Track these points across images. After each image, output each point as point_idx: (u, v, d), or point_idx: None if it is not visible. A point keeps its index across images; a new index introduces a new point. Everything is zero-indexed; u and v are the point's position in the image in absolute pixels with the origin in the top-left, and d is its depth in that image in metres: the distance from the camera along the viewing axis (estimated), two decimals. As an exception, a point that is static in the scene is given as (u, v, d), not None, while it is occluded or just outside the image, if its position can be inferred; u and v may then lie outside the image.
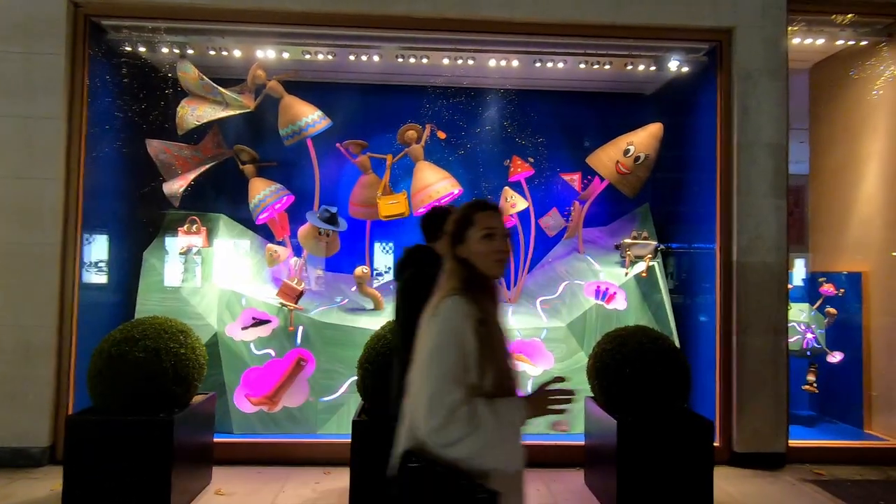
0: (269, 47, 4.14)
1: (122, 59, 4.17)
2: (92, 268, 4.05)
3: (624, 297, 4.38)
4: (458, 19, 3.93)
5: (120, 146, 4.25)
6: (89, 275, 3.99)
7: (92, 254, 4.03)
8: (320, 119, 4.33)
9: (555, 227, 4.84)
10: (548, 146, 5.01)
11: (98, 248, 4.12)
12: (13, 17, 3.71)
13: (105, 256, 4.24)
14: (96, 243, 4.07)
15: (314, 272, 4.60)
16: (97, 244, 4.09)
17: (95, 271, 4.13)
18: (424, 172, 4.45)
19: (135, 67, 4.24)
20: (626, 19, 3.98)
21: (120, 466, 2.87)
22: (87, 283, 3.94)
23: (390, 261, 4.99)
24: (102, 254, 4.20)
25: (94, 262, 4.09)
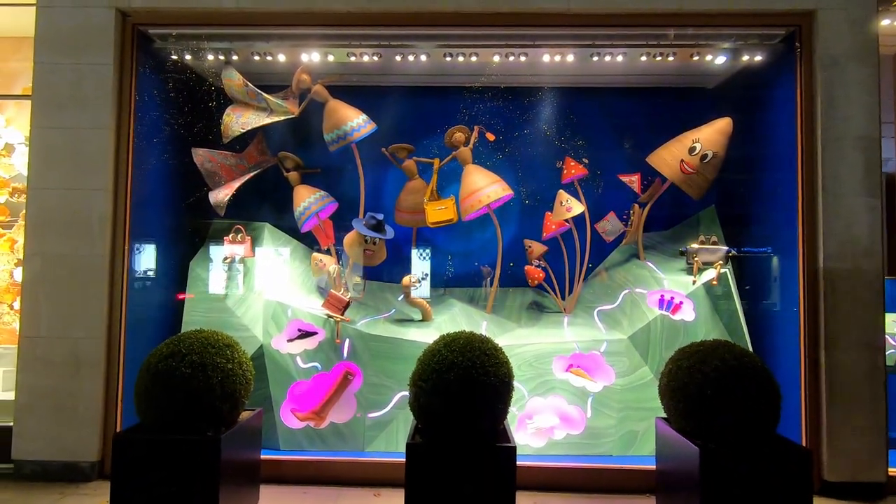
0: (314, 50, 4.02)
1: (168, 69, 4.14)
2: (139, 278, 4.01)
3: (692, 308, 4.03)
4: (510, 13, 3.72)
5: (166, 156, 4.21)
6: (137, 286, 3.94)
7: (139, 264, 3.99)
8: (365, 123, 4.18)
9: (612, 231, 4.53)
10: (603, 146, 4.71)
11: (145, 258, 4.07)
12: (63, 30, 3.72)
13: (152, 267, 4.19)
14: (144, 254, 4.03)
15: (353, 279, 4.42)
16: (145, 255, 4.05)
17: (143, 282, 4.08)
18: (473, 176, 4.24)
19: (180, 76, 4.20)
20: (693, 6, 3.67)
21: (167, 486, 2.75)
22: (135, 294, 3.89)
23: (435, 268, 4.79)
24: (150, 264, 4.16)
25: (141, 272, 4.05)
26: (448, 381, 2.79)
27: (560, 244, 4.55)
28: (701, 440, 2.78)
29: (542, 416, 3.89)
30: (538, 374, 3.98)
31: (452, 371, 2.81)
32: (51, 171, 3.69)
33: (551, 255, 4.57)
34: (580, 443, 3.89)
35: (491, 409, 2.86)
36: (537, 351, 4.04)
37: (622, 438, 3.92)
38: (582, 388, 3.94)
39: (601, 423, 3.93)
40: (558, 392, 3.96)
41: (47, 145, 3.69)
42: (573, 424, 3.90)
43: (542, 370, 3.99)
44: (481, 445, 2.79)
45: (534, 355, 4.02)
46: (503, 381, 2.89)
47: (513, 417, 3.88)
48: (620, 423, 3.93)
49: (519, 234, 4.71)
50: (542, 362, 4.02)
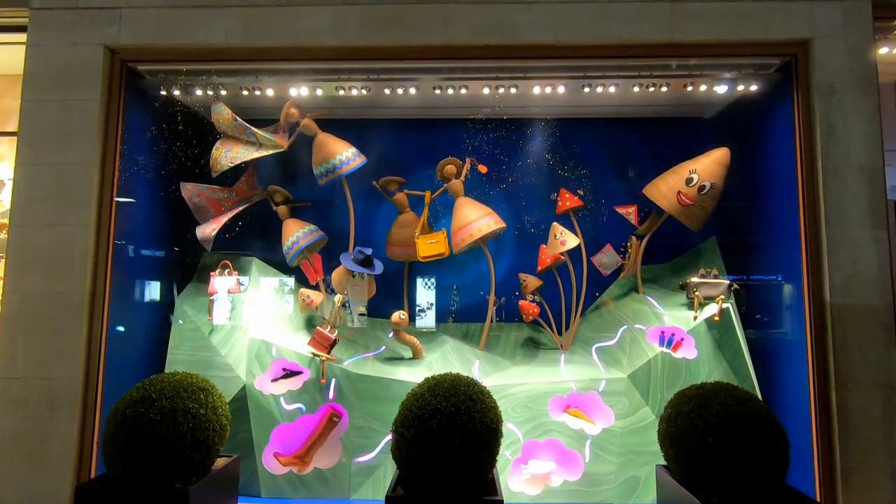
0: (303, 84, 3.99)
1: (156, 103, 4.12)
2: (122, 316, 3.89)
3: (693, 345, 3.84)
4: (499, 45, 3.67)
5: (153, 190, 4.16)
6: (118, 323, 3.83)
7: (122, 302, 3.89)
8: (355, 156, 4.12)
9: (609, 265, 4.39)
10: (598, 177, 4.62)
11: (129, 295, 3.98)
12: (51, 67, 3.71)
13: (136, 304, 4.10)
14: (127, 290, 3.93)
15: (357, 309, 4.28)
16: (128, 291, 3.95)
17: (125, 320, 3.97)
18: (465, 209, 4.14)
19: (169, 111, 4.18)
20: (684, 36, 3.61)
21: (133, 542, 2.58)
22: (117, 333, 3.78)
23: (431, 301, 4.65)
24: (134, 301, 4.06)
25: (124, 310, 3.94)
26: (431, 429, 2.64)
27: (556, 278, 4.42)
28: (703, 492, 2.58)
29: (538, 462, 3.68)
30: (533, 415, 3.79)
31: (436, 417, 2.65)
32: (33, 208, 3.63)
33: (547, 289, 4.43)
34: (578, 490, 3.67)
35: (477, 459, 2.68)
36: (532, 391, 3.85)
37: (623, 485, 3.69)
38: (580, 430, 3.74)
39: (601, 469, 3.71)
40: (555, 435, 3.76)
41: (31, 181, 3.65)
42: (571, 470, 3.69)
43: (538, 411, 3.80)
44: (467, 498, 2.61)
45: (529, 396, 3.84)
46: (490, 429, 2.72)
47: (507, 463, 3.68)
48: (621, 468, 3.71)
49: (513, 268, 4.59)
50: (537, 403, 3.83)
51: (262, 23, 3.70)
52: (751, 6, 3.60)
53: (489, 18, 3.64)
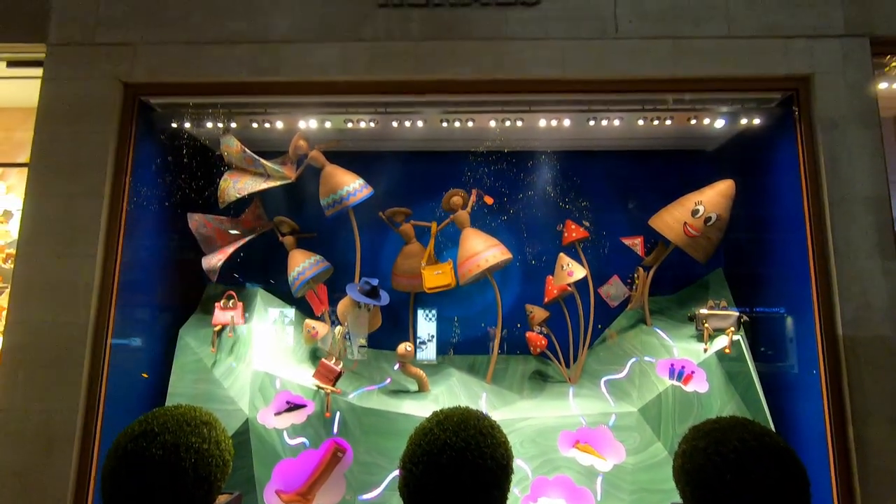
0: (312, 117, 4.05)
1: (167, 136, 4.17)
2: (125, 348, 3.85)
3: (704, 378, 3.78)
4: (505, 80, 3.75)
5: (161, 222, 4.18)
6: (122, 355, 3.77)
7: (126, 333, 3.85)
8: (362, 188, 4.15)
9: (617, 296, 4.36)
10: (603, 209, 4.64)
11: (133, 326, 3.93)
12: (65, 100, 3.77)
13: (139, 335, 4.05)
14: (131, 322, 3.90)
15: (358, 341, 4.24)
16: (132, 322, 3.91)
17: (128, 351, 3.92)
18: (472, 240, 4.14)
19: (178, 143, 4.23)
20: (686, 72, 3.69)
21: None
22: (119, 364, 3.72)
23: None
24: (137, 332, 4.02)
25: (127, 341, 3.90)
26: (440, 464, 2.56)
27: (563, 309, 4.38)
28: (723, 533, 2.49)
29: (548, 499, 3.57)
30: (542, 451, 3.70)
31: (445, 453, 2.58)
32: (41, 238, 3.63)
33: (553, 320, 4.39)
34: (590, 530, 3.55)
35: (487, 496, 2.60)
36: (541, 425, 3.77)
37: None
38: (590, 466, 3.64)
39: (612, 507, 3.60)
40: (564, 471, 3.65)
41: (40, 212, 3.66)
42: (582, 508, 3.57)
43: (547, 447, 3.71)
44: (477, 538, 2.52)
45: (537, 430, 3.75)
46: (501, 465, 2.65)
47: (516, 500, 3.56)
48: (634, 507, 3.60)
49: (520, 299, 4.56)
50: (546, 438, 3.74)
51: (273, 58, 3.78)
52: (750, 43, 3.69)
53: (496, 54, 3.72)
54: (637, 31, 3.72)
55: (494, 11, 3.76)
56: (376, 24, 3.78)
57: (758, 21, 3.68)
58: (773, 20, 3.69)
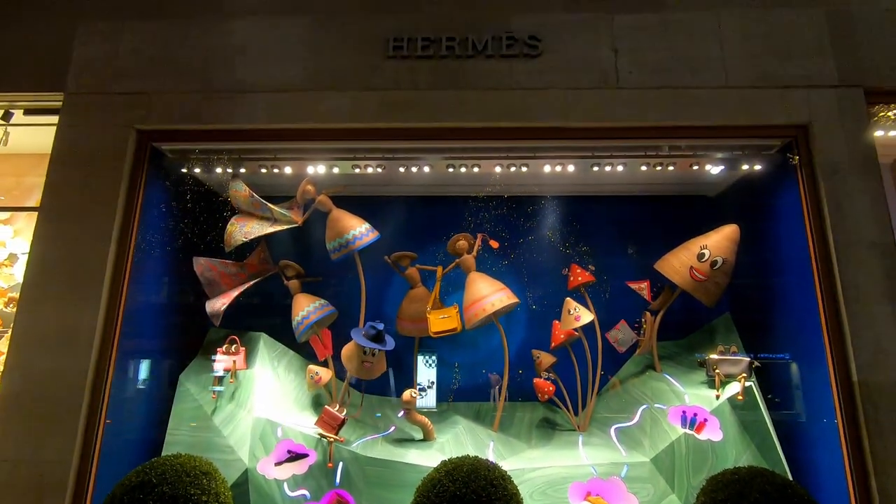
0: (321, 163, 4.12)
1: (176, 181, 4.22)
2: (124, 394, 3.77)
3: (718, 425, 3.68)
4: (510, 128, 3.84)
5: (166, 265, 4.18)
6: (119, 402, 3.69)
7: (126, 379, 3.78)
8: (368, 232, 4.17)
9: (625, 341, 4.30)
10: (608, 253, 4.66)
11: (132, 372, 3.87)
12: (79, 145, 3.85)
13: (139, 381, 3.98)
14: (131, 368, 3.83)
15: (358, 396, 4.16)
16: (132, 368, 3.85)
17: (127, 398, 3.84)
18: (478, 284, 4.12)
19: (188, 188, 4.28)
20: (687, 120, 3.78)
21: None
22: (117, 411, 3.63)
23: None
24: (136, 379, 3.94)
25: (126, 388, 3.82)
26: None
27: (570, 354, 4.32)
28: None
29: (560, 557, 3.40)
30: (553, 503, 3.55)
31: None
32: (45, 281, 3.61)
33: (560, 366, 4.32)
34: (605, 590, 3.36)
35: (500, 553, 2.48)
36: (551, 476, 3.64)
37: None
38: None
39: (628, 566, 3.42)
40: (576, 526, 3.50)
41: (46, 255, 3.66)
42: (596, 567, 3.40)
43: (558, 499, 3.56)
44: None
45: (547, 481, 3.62)
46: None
47: (526, 558, 3.40)
48: (650, 565, 3.43)
49: (526, 344, 4.50)
50: (556, 490, 3.60)
51: (285, 106, 3.88)
52: (747, 92, 3.80)
53: (501, 103, 3.83)
54: (637, 81, 3.84)
55: (499, 62, 3.89)
56: (385, 74, 3.90)
57: (753, 71, 3.81)
58: (768, 70, 3.82)
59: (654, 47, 3.88)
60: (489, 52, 3.88)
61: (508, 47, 3.88)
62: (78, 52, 4.02)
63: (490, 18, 3.95)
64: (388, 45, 3.91)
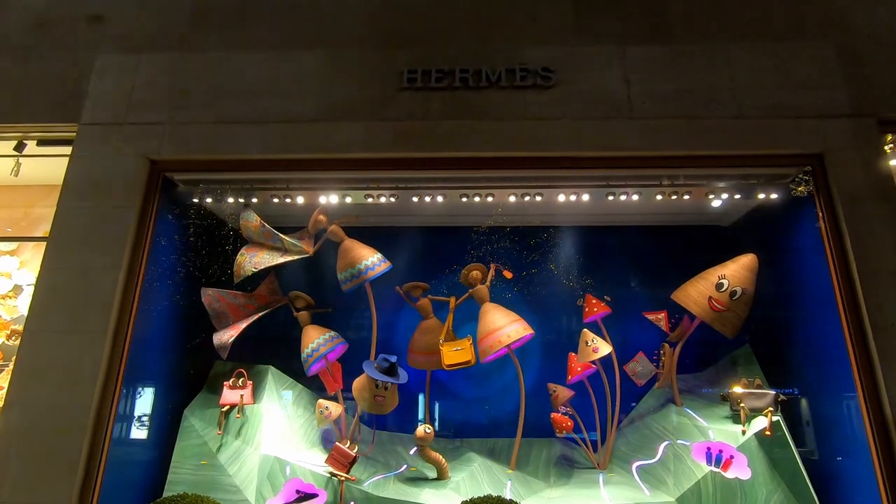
0: (333, 193, 4.10)
1: (187, 211, 4.18)
2: (127, 431, 3.63)
3: (745, 463, 3.53)
4: (524, 157, 3.83)
5: (175, 297, 4.10)
6: (122, 439, 3.55)
7: (128, 415, 3.64)
8: (380, 262, 4.11)
9: (644, 374, 4.18)
10: (623, 284, 4.60)
11: (136, 408, 3.74)
12: (91, 175, 3.82)
13: (143, 417, 3.84)
14: (135, 403, 3.70)
15: (369, 432, 4.00)
16: (136, 404, 3.72)
17: (130, 434, 3.70)
18: (492, 315, 4.03)
19: (198, 218, 4.24)
20: (701, 149, 3.78)
21: None
22: (118, 449, 3.48)
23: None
24: (140, 414, 3.81)
25: (129, 424, 3.68)
26: (475, 565, 2.30)
27: (587, 388, 4.19)
28: None
29: None
30: (576, 547, 3.38)
31: (480, 551, 2.33)
32: (51, 313, 3.53)
33: (576, 400, 4.18)
34: None
35: None
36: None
37: None
38: (629, 566, 3.31)
39: None
40: (601, 572, 3.31)
41: (53, 286, 3.58)
42: None
43: (580, 542, 3.39)
44: None
45: (569, 523, 3.45)
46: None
47: None
48: None
49: (540, 378, 4.37)
50: (578, 532, 3.43)
51: (298, 136, 3.88)
52: (761, 122, 3.80)
53: (514, 133, 3.83)
54: (651, 111, 3.85)
55: (512, 94, 3.91)
56: (399, 105, 3.92)
57: (766, 102, 3.83)
58: (780, 101, 3.83)
59: (666, 78, 3.91)
60: (503, 83, 3.91)
61: (522, 78, 3.91)
62: (94, 83, 4.05)
63: (504, 50, 4.00)
64: (403, 77, 3.94)
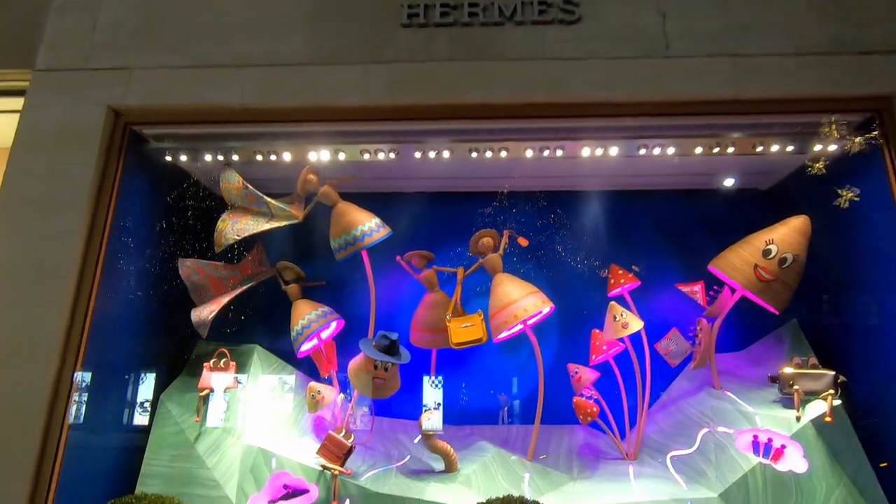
0: (324, 148, 3.59)
1: (158, 170, 3.71)
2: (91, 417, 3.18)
3: (801, 453, 3.05)
4: (544, 104, 3.32)
5: (146, 267, 3.64)
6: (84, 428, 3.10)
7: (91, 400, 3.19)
8: (378, 227, 3.62)
9: (678, 353, 3.70)
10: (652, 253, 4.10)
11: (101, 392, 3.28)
12: (47, 128, 3.34)
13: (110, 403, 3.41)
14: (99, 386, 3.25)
15: (360, 409, 3.57)
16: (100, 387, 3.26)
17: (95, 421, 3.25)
18: (506, 287, 3.55)
19: (172, 179, 3.77)
20: (751, 92, 3.25)
21: None
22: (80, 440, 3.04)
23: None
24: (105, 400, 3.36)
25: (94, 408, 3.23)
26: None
27: (613, 369, 3.72)
28: None
29: None
30: (605, 550, 2.93)
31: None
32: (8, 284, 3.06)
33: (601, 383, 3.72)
34: None
35: None
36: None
37: None
38: (668, 572, 2.86)
39: None
40: (635, 579, 2.87)
41: (3, 253, 3.12)
42: None
43: (610, 545, 2.95)
44: None
45: (596, 522, 3.00)
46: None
47: None
48: None
49: (559, 358, 3.91)
50: (608, 533, 2.98)
51: (281, 82, 3.38)
52: (820, 59, 3.27)
53: (533, 75, 3.31)
54: (690, 49, 3.32)
55: (531, 30, 3.39)
56: (398, 44, 3.40)
57: (828, 36, 3.29)
58: (842, 35, 3.30)
59: (708, 10, 3.38)
60: (519, 17, 3.39)
61: (541, 13, 3.38)
62: (51, 24, 3.55)
63: (520, -21, 3.46)
64: (403, 12, 3.42)
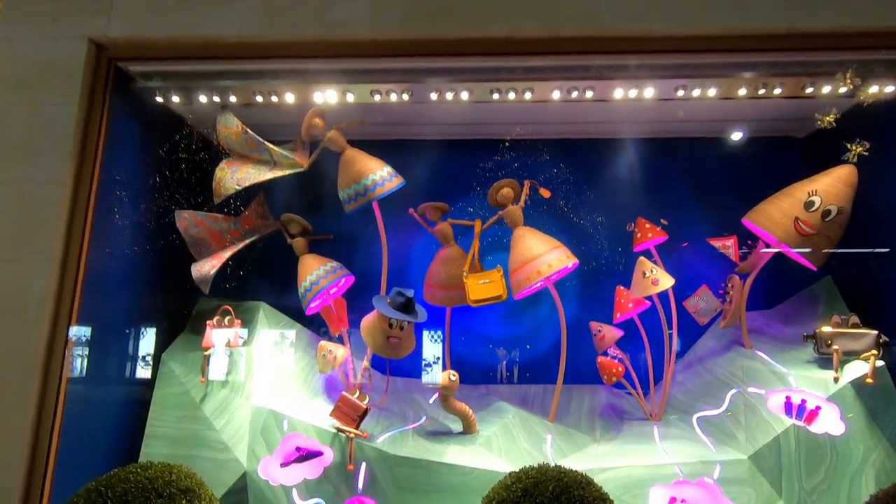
0: (330, 88, 3.27)
1: (150, 113, 3.40)
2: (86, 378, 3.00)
3: (838, 415, 2.92)
4: (574, 38, 2.98)
5: (139, 219, 3.39)
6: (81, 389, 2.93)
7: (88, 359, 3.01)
8: (391, 177, 3.35)
9: (707, 311, 3.52)
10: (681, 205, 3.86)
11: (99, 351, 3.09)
12: (22, 65, 3.01)
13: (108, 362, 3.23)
14: (96, 345, 3.06)
15: (360, 364, 3.41)
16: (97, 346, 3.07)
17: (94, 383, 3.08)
18: (528, 241, 3.32)
19: (164, 123, 3.47)
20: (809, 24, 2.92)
21: None
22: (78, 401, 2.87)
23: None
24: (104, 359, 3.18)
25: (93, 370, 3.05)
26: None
27: (638, 328, 3.54)
28: None
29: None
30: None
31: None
32: (-17, 238, 2.83)
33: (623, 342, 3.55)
34: None
35: None
36: (626, 478, 2.91)
37: None
38: (695, 535, 2.77)
39: (730, 592, 2.71)
40: (663, 541, 2.78)
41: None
42: None
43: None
44: None
45: (622, 485, 2.89)
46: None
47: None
48: (760, 591, 2.71)
49: (579, 316, 3.72)
50: (634, 495, 2.88)
51: (283, 13, 3.03)
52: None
53: (562, 6, 2.96)
54: (739, -25, 2.96)
55: (561, -47, 3.01)
56: (413, -31, 3.03)
57: (896, -40, 2.93)
58: (912, -40, 2.93)
59: (761, -69, 2.99)
60: (547, -63, 3.00)
61: (574, -67, 2.99)
62: (20, -56, 3.14)
63: None
64: (417, -69, 3.03)
